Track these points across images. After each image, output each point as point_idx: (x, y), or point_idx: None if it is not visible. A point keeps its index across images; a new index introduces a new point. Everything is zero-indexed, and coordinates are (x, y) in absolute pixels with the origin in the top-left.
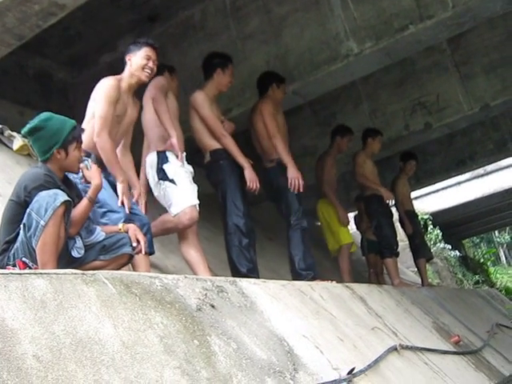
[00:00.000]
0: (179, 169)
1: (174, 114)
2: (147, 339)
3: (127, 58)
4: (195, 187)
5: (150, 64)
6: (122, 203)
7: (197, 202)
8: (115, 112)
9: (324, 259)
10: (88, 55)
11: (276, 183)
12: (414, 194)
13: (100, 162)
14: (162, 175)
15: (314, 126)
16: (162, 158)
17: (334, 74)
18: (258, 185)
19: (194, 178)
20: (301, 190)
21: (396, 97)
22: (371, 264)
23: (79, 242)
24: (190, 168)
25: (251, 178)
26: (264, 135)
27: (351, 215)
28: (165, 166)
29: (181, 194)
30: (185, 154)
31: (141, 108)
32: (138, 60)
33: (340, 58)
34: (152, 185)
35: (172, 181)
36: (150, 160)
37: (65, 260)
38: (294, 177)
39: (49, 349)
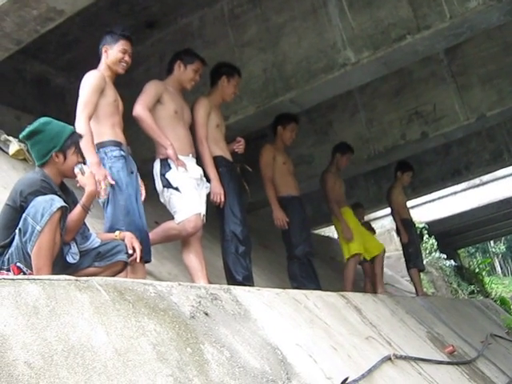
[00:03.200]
0: (183, 176)
1: (170, 117)
2: (140, 346)
3: (103, 49)
4: (203, 192)
5: (126, 58)
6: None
7: (202, 210)
8: (109, 99)
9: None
10: (86, 61)
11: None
12: (409, 204)
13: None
14: (166, 183)
15: (310, 135)
16: (165, 166)
17: (331, 83)
18: (223, 198)
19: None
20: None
21: (393, 106)
22: (367, 272)
23: (74, 248)
24: (199, 171)
25: (215, 192)
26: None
27: None
28: (167, 175)
29: (186, 202)
30: (191, 156)
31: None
32: (115, 53)
33: (337, 67)
34: (158, 191)
35: (177, 188)
36: (155, 168)
37: (59, 266)
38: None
39: (40, 355)
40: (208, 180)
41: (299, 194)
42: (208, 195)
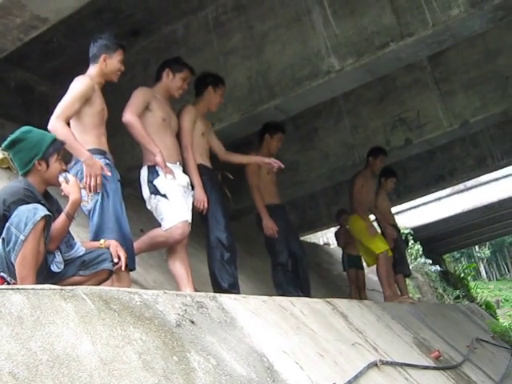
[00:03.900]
0: (170, 183)
1: (158, 125)
2: (126, 356)
3: (102, 57)
4: (190, 200)
5: (123, 67)
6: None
7: (189, 217)
8: (96, 108)
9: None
10: (70, 68)
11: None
12: (394, 209)
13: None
14: (154, 190)
15: (295, 142)
16: (152, 173)
17: (316, 90)
18: (206, 205)
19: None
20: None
21: (377, 113)
22: (352, 279)
23: (59, 257)
24: (186, 179)
25: (199, 199)
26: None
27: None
28: (155, 182)
29: (173, 209)
30: (178, 163)
31: None
32: (114, 63)
33: (321, 74)
34: (145, 198)
35: (164, 195)
36: (142, 175)
37: (44, 275)
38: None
39: (25, 366)
40: (192, 187)
41: (281, 202)
42: (192, 203)
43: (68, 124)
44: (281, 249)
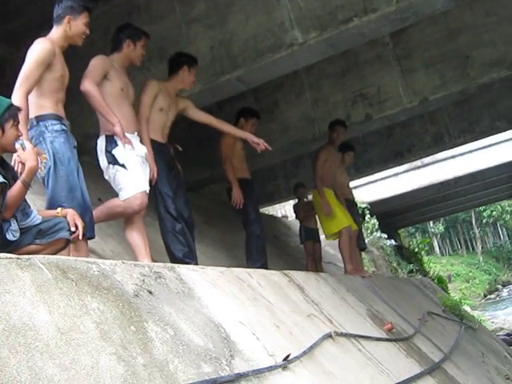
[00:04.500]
0: (129, 153)
1: (116, 94)
2: (83, 325)
3: (66, 19)
4: (147, 170)
5: (88, 30)
6: None
7: (147, 187)
8: (56, 74)
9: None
10: (27, 31)
11: None
12: (352, 184)
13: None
14: (112, 159)
15: None
16: (111, 143)
17: (278, 63)
18: (155, 175)
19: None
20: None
21: (338, 87)
22: (309, 251)
23: (14, 225)
24: (143, 149)
25: (152, 169)
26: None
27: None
28: (114, 151)
29: (132, 179)
30: (136, 134)
31: None
32: (79, 26)
33: (284, 46)
34: (103, 168)
35: (123, 165)
36: (99, 144)
37: None
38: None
39: None
40: None
41: (251, 177)
42: None
43: None
44: (253, 219)
